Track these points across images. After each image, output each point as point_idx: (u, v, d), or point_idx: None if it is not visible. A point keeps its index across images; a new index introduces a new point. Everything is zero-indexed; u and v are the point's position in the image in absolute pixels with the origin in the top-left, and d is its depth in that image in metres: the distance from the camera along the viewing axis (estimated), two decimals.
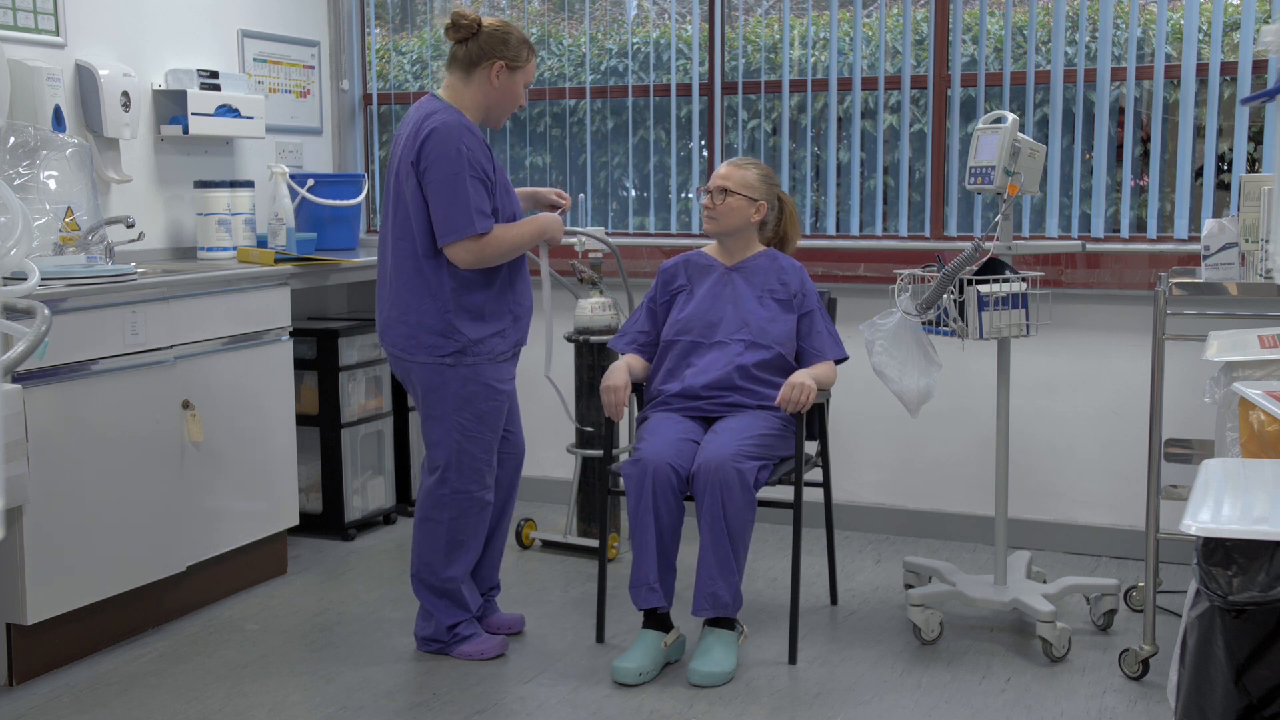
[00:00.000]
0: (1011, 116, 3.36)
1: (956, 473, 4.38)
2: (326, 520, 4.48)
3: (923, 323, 3.41)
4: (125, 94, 4.05)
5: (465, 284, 3.27)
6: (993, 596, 3.48)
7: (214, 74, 4.40)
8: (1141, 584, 3.62)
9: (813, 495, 3.84)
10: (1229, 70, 4.02)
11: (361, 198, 4.88)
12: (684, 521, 3.31)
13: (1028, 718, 3.04)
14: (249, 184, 4.45)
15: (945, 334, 3.40)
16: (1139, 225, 4.19)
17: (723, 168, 3.58)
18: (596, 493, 4.26)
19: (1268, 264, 3.00)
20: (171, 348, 3.60)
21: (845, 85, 4.52)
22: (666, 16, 4.80)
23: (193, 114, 4.29)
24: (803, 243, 4.40)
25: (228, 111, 4.42)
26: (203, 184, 4.35)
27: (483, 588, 3.55)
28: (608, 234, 4.54)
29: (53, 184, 3.59)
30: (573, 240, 4.19)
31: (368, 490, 4.58)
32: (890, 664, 3.35)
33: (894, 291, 3.47)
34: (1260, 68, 3.96)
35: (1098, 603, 3.55)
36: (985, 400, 3.97)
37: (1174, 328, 3.36)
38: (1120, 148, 4.20)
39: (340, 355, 4.42)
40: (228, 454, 3.81)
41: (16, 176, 3.51)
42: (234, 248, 4.32)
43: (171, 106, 4.31)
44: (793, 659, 3.36)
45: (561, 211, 3.56)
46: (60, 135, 3.71)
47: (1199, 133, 4.08)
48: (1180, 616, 2.98)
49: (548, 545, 4.40)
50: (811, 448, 3.71)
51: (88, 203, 3.70)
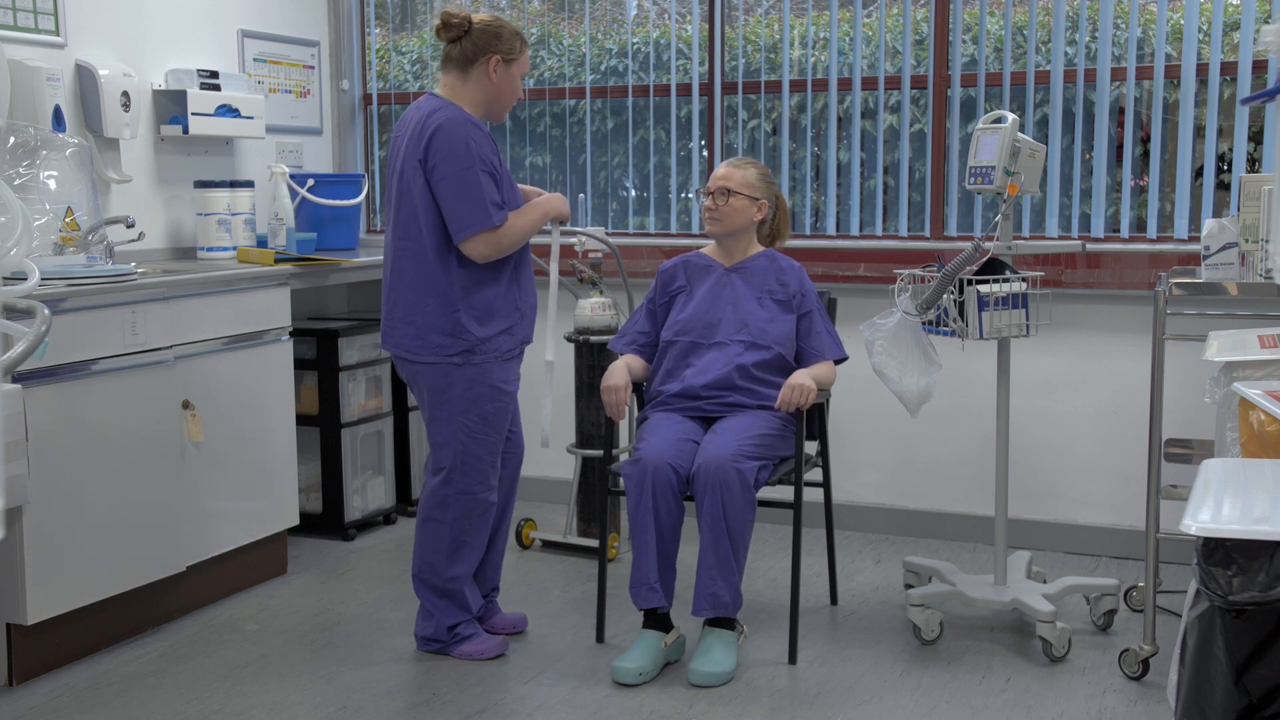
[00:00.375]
0: (1011, 116, 3.36)
1: (956, 473, 4.38)
2: (326, 520, 4.48)
3: (923, 323, 3.41)
4: (125, 94, 4.04)
5: (474, 281, 3.27)
6: (993, 596, 3.48)
7: (214, 74, 4.40)
8: (1141, 584, 3.62)
9: (813, 495, 3.84)
10: (1229, 70, 4.02)
11: (361, 198, 4.88)
12: (684, 521, 3.31)
13: (1028, 718, 3.04)
14: (249, 184, 4.45)
15: (945, 334, 3.40)
16: (1139, 225, 4.19)
17: (722, 169, 3.58)
18: (596, 493, 4.26)
19: (1268, 264, 3.00)
20: (171, 348, 3.60)
21: (845, 85, 4.52)
22: (666, 16, 4.80)
23: (193, 114, 4.29)
24: (803, 243, 4.42)
25: (228, 111, 4.42)
26: (203, 184, 4.35)
27: (484, 589, 3.55)
28: (608, 234, 4.54)
29: (53, 184, 3.59)
30: (573, 240, 4.19)
31: (368, 490, 4.58)
32: (890, 664, 3.35)
33: (894, 291, 3.46)
34: (1260, 68, 3.96)
35: (1098, 603, 3.55)
36: (985, 400, 3.97)
37: (1174, 328, 3.36)
38: (1120, 148, 4.20)
39: (340, 355, 4.42)
40: (228, 454, 3.81)
41: (16, 176, 3.51)
42: (234, 248, 4.32)
43: (171, 106, 4.31)
44: (793, 659, 3.36)
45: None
46: (60, 135, 3.71)
47: (1199, 133, 4.08)
48: (1180, 616, 2.98)
49: (548, 545, 4.40)
50: (811, 448, 3.71)
51: (88, 203, 3.70)
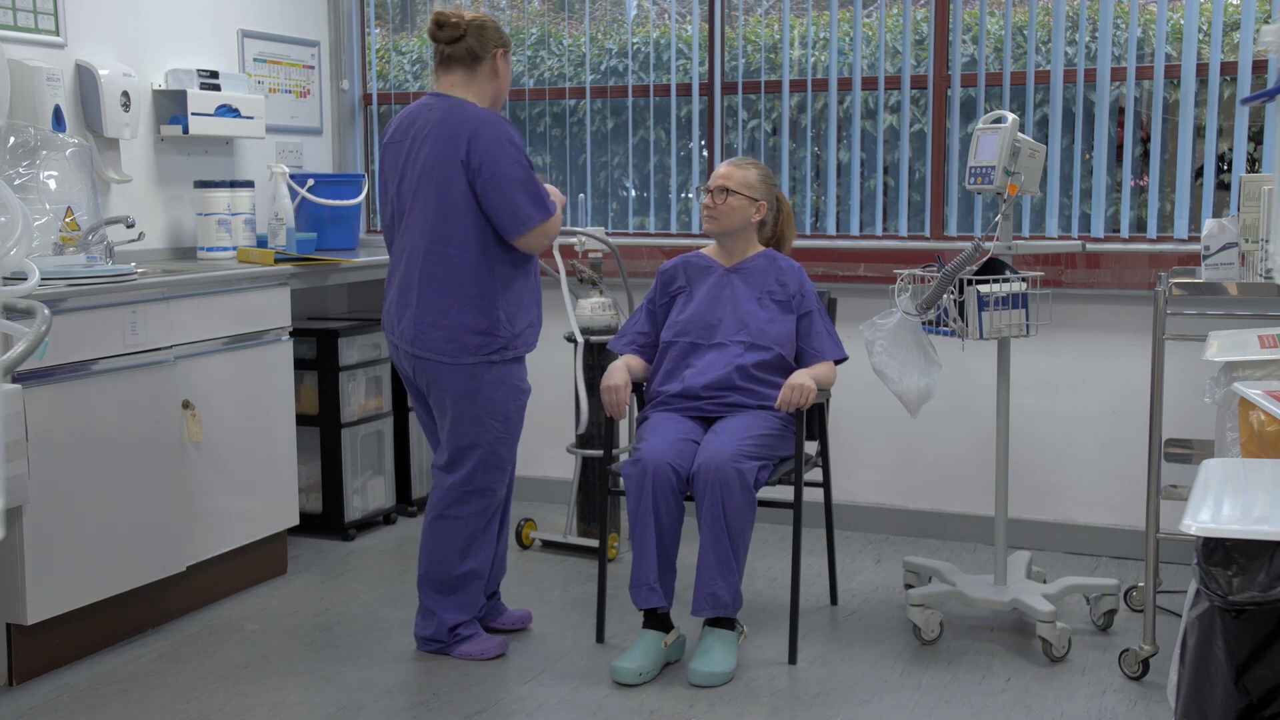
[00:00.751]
0: (1011, 116, 3.36)
1: (956, 473, 4.38)
2: (326, 520, 4.48)
3: (923, 323, 3.41)
4: (125, 94, 4.04)
5: (509, 278, 3.29)
6: (993, 596, 3.48)
7: (214, 74, 4.40)
8: (1141, 584, 3.62)
9: (813, 495, 3.84)
10: (1229, 70, 4.02)
11: (361, 198, 4.88)
12: (684, 521, 3.31)
13: (1028, 718, 3.04)
14: (249, 184, 4.45)
15: (945, 334, 3.40)
16: (1139, 225, 4.19)
17: (722, 168, 3.58)
18: (596, 493, 4.26)
19: (1268, 264, 3.00)
20: (171, 348, 3.60)
21: (845, 85, 4.52)
22: (666, 16, 4.80)
23: (193, 114, 4.29)
24: (803, 243, 4.42)
25: (228, 111, 4.42)
26: (203, 184, 4.35)
27: (489, 589, 3.55)
28: (608, 234, 4.54)
29: (53, 184, 3.59)
30: (573, 240, 4.19)
31: (368, 490, 4.58)
32: (890, 664, 3.35)
33: (894, 291, 3.47)
34: (1260, 68, 3.96)
35: (1098, 603, 3.55)
36: (985, 400, 3.97)
37: (1174, 328, 3.36)
38: (1120, 148, 4.20)
39: (340, 355, 4.42)
40: (228, 454, 3.81)
41: (16, 176, 3.50)
42: (234, 248, 4.32)
43: (171, 106, 4.31)
44: (793, 659, 3.36)
45: None
46: (60, 135, 3.71)
47: (1199, 133, 4.08)
48: (1180, 616, 2.98)
49: (548, 545, 4.40)
50: (811, 448, 3.71)
51: (88, 203, 3.70)
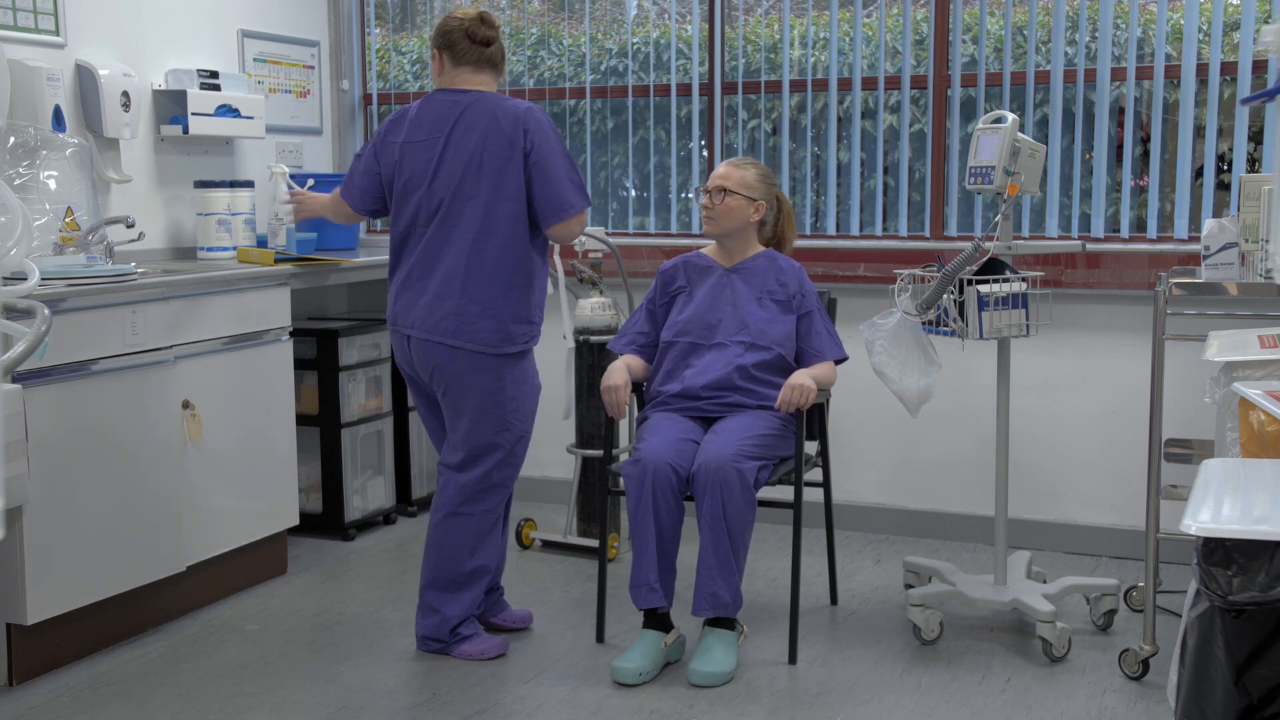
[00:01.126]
0: (1011, 116, 3.36)
1: (956, 473, 4.38)
2: (326, 520, 4.48)
3: (923, 323, 3.41)
4: (125, 94, 4.04)
5: (539, 267, 3.37)
6: (993, 596, 3.48)
7: (214, 74, 4.40)
8: (1141, 584, 3.62)
9: (813, 495, 3.84)
10: (1229, 70, 4.02)
11: None
12: (684, 521, 3.31)
13: (1028, 718, 3.04)
14: (249, 184, 4.45)
15: (945, 334, 3.40)
16: (1139, 225, 4.19)
17: (721, 168, 3.58)
18: (596, 493, 4.26)
19: (1268, 264, 3.00)
20: (171, 348, 3.60)
21: (845, 85, 4.52)
22: (666, 16, 4.80)
23: (193, 114, 4.29)
24: (803, 243, 4.42)
25: (228, 111, 4.42)
26: (203, 184, 4.35)
27: (491, 583, 3.54)
28: (608, 234, 4.54)
29: (53, 184, 3.59)
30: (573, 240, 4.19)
31: (368, 490, 4.58)
32: (890, 664, 3.35)
33: (894, 291, 3.47)
34: (1260, 68, 3.96)
35: (1098, 603, 3.55)
36: (985, 400, 3.97)
37: (1174, 328, 3.36)
38: (1120, 148, 4.20)
39: (340, 355, 4.42)
40: (228, 454, 3.81)
41: (16, 176, 3.50)
42: (234, 248, 4.32)
43: (171, 106, 4.31)
44: (793, 659, 3.36)
45: None
46: (60, 135, 3.71)
47: (1199, 133, 4.08)
48: (1180, 616, 2.97)
49: (548, 545, 4.40)
50: (811, 448, 3.71)
51: (88, 203, 3.70)
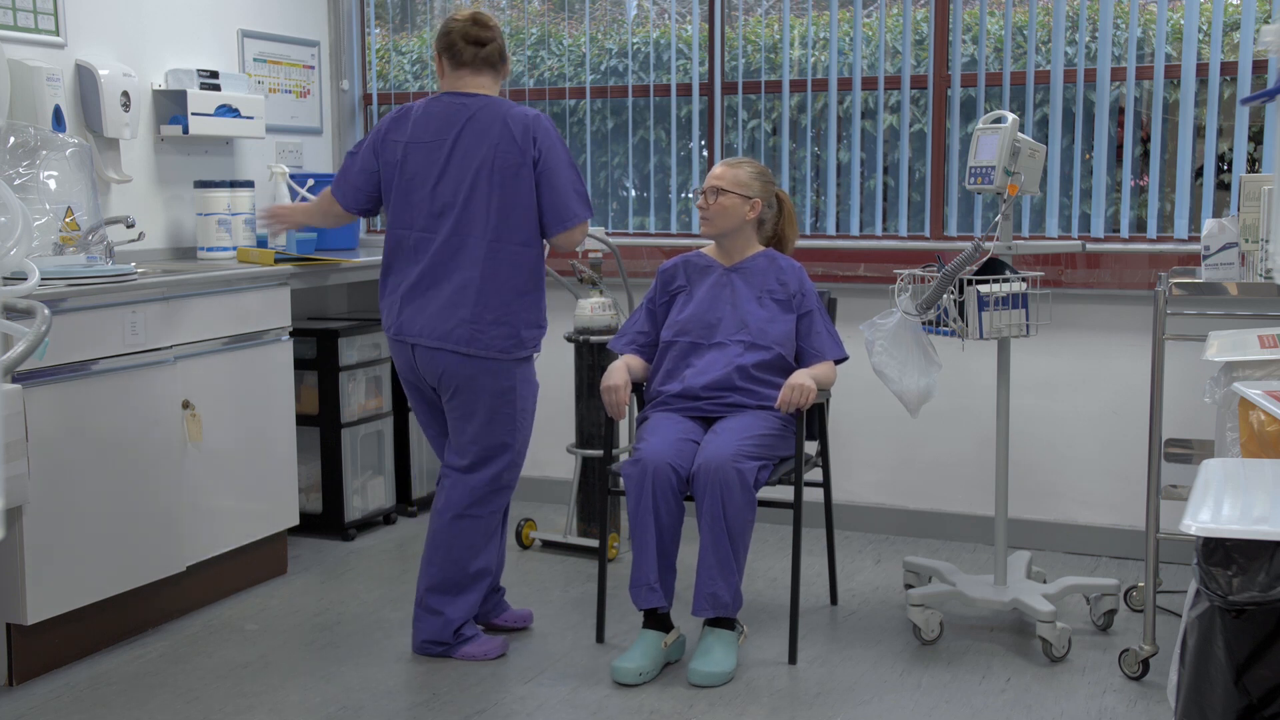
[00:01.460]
0: (1011, 116, 3.36)
1: (956, 473, 4.38)
2: (326, 520, 4.48)
3: (923, 323, 3.41)
4: (125, 94, 4.04)
5: (543, 273, 3.40)
6: (993, 596, 3.48)
7: (214, 74, 4.40)
8: (1141, 584, 3.62)
9: (813, 495, 3.84)
10: (1229, 70, 4.02)
11: None
12: (684, 521, 3.31)
13: (1028, 718, 3.04)
14: (249, 184, 4.45)
15: (945, 334, 3.40)
16: (1139, 225, 4.19)
17: (716, 168, 3.58)
18: (596, 493, 4.26)
19: (1268, 264, 3.00)
20: (171, 348, 3.60)
21: (845, 85, 4.52)
22: (666, 16, 4.80)
23: (193, 114, 4.29)
24: (803, 243, 4.41)
25: (228, 111, 4.42)
26: (203, 184, 4.35)
27: (493, 584, 3.53)
28: (608, 234, 4.54)
29: (53, 184, 3.59)
30: None
31: (368, 490, 4.58)
32: (890, 664, 3.35)
33: (894, 291, 3.47)
34: (1260, 68, 3.96)
35: (1098, 603, 3.55)
36: (985, 400, 3.97)
37: (1174, 328, 3.36)
38: (1120, 148, 4.20)
39: (340, 355, 4.42)
40: (228, 454, 3.81)
41: (16, 176, 3.50)
42: (234, 248, 4.32)
43: (171, 106, 4.31)
44: (793, 659, 3.36)
45: None
46: (60, 135, 3.71)
47: (1199, 133, 4.08)
48: (1180, 616, 2.97)
49: (548, 545, 4.40)
50: (811, 448, 3.71)
51: (88, 203, 3.70)
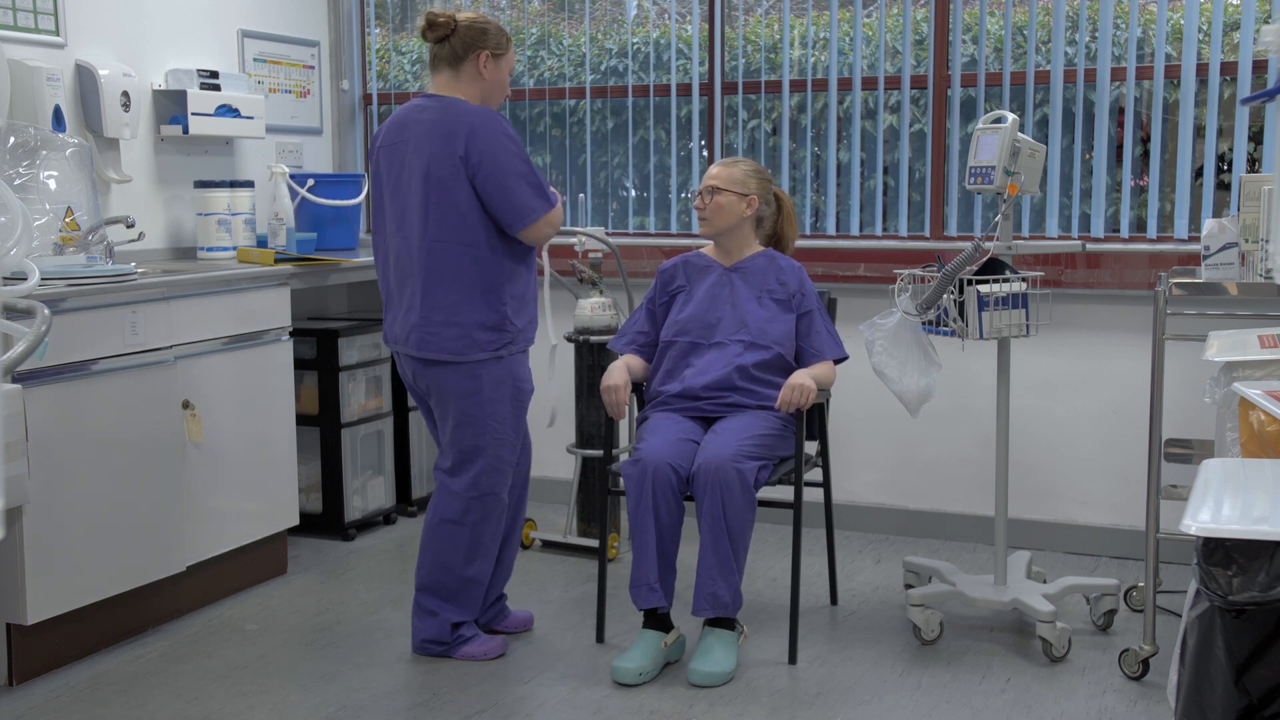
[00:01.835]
0: (1011, 116, 3.36)
1: (956, 473, 4.38)
2: (326, 520, 4.48)
3: (923, 323, 3.41)
4: (125, 94, 4.04)
5: (513, 272, 3.31)
6: (993, 596, 3.48)
7: (214, 74, 4.40)
8: (1141, 584, 3.62)
9: (812, 495, 3.84)
10: (1229, 70, 4.02)
11: (362, 198, 4.87)
12: (684, 521, 3.31)
13: (1028, 718, 3.04)
14: (249, 184, 4.45)
15: (945, 334, 3.40)
16: (1139, 225, 4.19)
17: (712, 168, 3.59)
18: (596, 493, 4.26)
19: (1268, 264, 3.00)
20: (171, 348, 3.60)
21: (845, 85, 4.52)
22: (666, 16, 4.80)
23: (193, 114, 4.29)
24: (803, 243, 4.41)
25: (228, 111, 4.42)
26: (203, 184, 4.35)
27: (491, 596, 3.53)
28: (608, 234, 4.54)
29: (53, 184, 3.59)
30: (573, 240, 4.19)
31: (368, 490, 4.58)
32: (890, 664, 3.35)
33: (894, 291, 3.47)
34: (1260, 68, 3.96)
35: (1098, 603, 3.55)
36: (985, 400, 3.97)
37: (1174, 328, 3.36)
38: (1120, 148, 4.20)
39: (340, 355, 4.42)
40: (228, 454, 3.81)
41: (16, 176, 3.51)
42: (234, 248, 4.32)
43: (171, 106, 4.31)
44: (793, 659, 3.36)
45: None
46: (60, 135, 3.71)
47: (1199, 133, 4.08)
48: (1180, 616, 2.98)
49: (548, 545, 4.40)
50: (811, 448, 3.71)
51: (88, 203, 3.70)
